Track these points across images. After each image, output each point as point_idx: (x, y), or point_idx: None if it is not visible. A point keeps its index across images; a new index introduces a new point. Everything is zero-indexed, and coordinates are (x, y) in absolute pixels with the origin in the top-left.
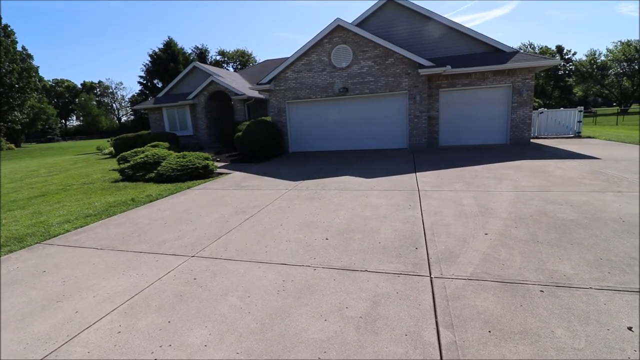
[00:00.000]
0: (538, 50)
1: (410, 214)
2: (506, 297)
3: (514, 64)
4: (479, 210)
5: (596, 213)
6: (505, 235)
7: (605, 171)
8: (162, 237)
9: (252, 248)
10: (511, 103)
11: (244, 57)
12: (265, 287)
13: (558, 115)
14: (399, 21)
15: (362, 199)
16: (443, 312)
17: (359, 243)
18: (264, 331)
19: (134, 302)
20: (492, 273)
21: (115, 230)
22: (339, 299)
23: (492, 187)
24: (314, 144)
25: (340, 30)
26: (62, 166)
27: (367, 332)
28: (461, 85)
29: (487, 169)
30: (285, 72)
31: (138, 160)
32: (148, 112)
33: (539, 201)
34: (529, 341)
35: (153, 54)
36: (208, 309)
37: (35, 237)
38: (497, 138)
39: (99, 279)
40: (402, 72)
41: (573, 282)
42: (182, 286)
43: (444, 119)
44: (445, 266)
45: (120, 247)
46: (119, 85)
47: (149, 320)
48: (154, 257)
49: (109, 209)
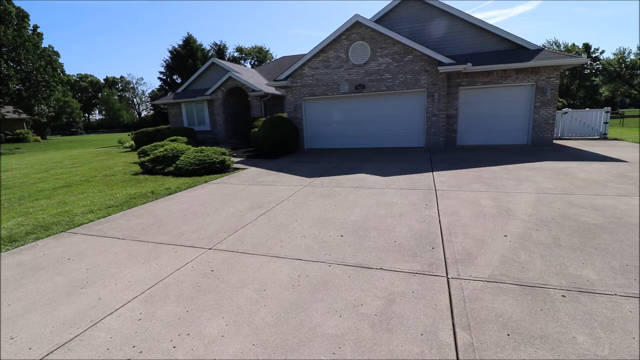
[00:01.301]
0: (563, 48)
1: (426, 214)
2: (526, 300)
3: (538, 61)
4: (498, 212)
5: (622, 218)
6: (525, 237)
7: (632, 174)
8: (180, 229)
9: (267, 243)
10: (534, 102)
11: (261, 53)
12: (280, 281)
13: (583, 116)
14: (418, 17)
15: (377, 197)
16: (460, 313)
17: (374, 241)
18: (280, 324)
19: (154, 291)
20: (511, 276)
21: (136, 221)
22: (354, 296)
23: (512, 188)
24: (330, 141)
25: (358, 27)
26: (86, 158)
27: (382, 329)
28: (482, 84)
29: (506, 170)
30: (302, 69)
31: (158, 154)
32: (167, 107)
33: (562, 204)
34: (549, 346)
35: (173, 50)
36: (225, 300)
37: (61, 226)
38: (518, 138)
39: (121, 268)
40: (420, 70)
41: (597, 287)
42: (200, 277)
43: (462, 117)
44: (463, 267)
45: (141, 237)
46: (140, 81)
47: (168, 310)
48: (173, 248)
49: (130, 200)
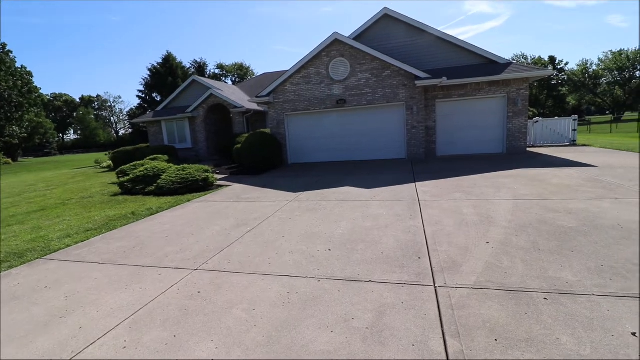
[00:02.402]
0: (531, 60)
1: (411, 224)
2: (510, 305)
3: (508, 74)
4: (480, 219)
5: (595, 220)
6: (506, 243)
7: (602, 179)
8: (164, 250)
9: (255, 260)
10: (507, 113)
11: (242, 70)
12: (270, 299)
13: (553, 124)
14: (395, 34)
15: (363, 210)
16: (449, 322)
17: (362, 253)
18: (271, 344)
19: (139, 316)
20: (495, 281)
21: (116, 244)
22: (344, 310)
23: (491, 196)
24: (313, 155)
25: (337, 44)
26: (61, 180)
27: (374, 342)
28: (457, 96)
29: (485, 178)
30: (284, 85)
31: (138, 173)
32: (147, 126)
33: (538, 209)
34: (535, 349)
35: (152, 68)
36: (214, 322)
37: (36, 253)
38: (493, 147)
39: (102, 294)
40: (399, 84)
41: (576, 289)
42: (186, 300)
43: (441, 129)
44: (449, 275)
45: (122, 261)
46: (117, 99)
47: (155, 335)
48: (157, 271)
49: (110, 223)
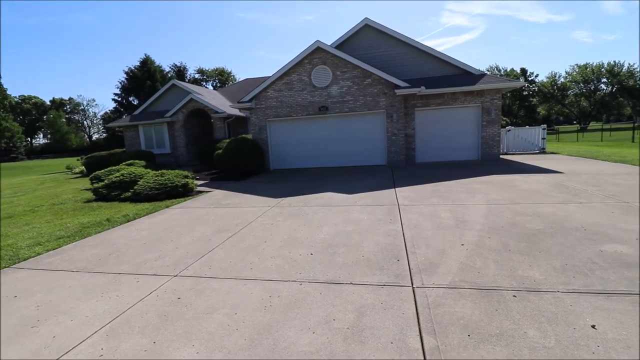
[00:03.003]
0: (504, 72)
1: (391, 228)
2: (483, 302)
3: (482, 85)
4: (455, 223)
5: (561, 223)
6: (480, 245)
7: (568, 184)
8: (142, 257)
9: (236, 265)
10: (481, 121)
11: (224, 75)
12: (252, 303)
13: (524, 133)
14: (376, 44)
15: (344, 215)
16: (425, 320)
17: (343, 257)
18: (253, 347)
19: (116, 324)
20: (469, 281)
21: (90, 251)
22: (326, 312)
23: (466, 200)
24: (296, 161)
25: (319, 52)
26: (29, 186)
27: (354, 342)
28: (435, 105)
29: (461, 184)
30: (267, 91)
31: (113, 179)
32: (123, 130)
33: (509, 213)
34: (505, 342)
35: (129, 72)
36: (194, 327)
37: (3, 261)
38: (469, 154)
39: (77, 302)
40: (379, 92)
41: (542, 286)
42: (166, 306)
43: (420, 136)
44: (426, 276)
45: (98, 269)
46: (91, 102)
47: (133, 342)
48: (135, 278)
49: (83, 230)
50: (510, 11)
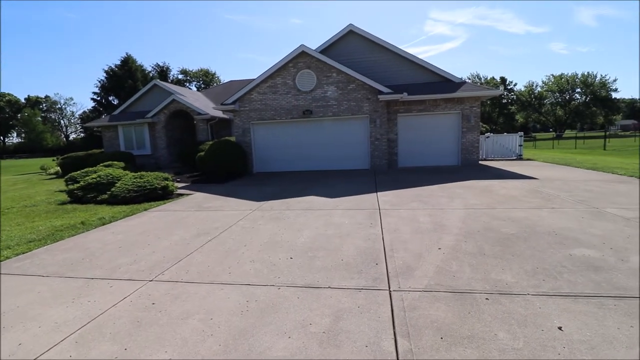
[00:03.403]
0: (484, 80)
1: (371, 232)
2: (456, 305)
3: (462, 93)
4: (434, 227)
5: (534, 227)
6: (456, 249)
7: (542, 190)
8: (116, 261)
9: (214, 270)
10: (461, 128)
11: (208, 76)
12: (228, 308)
13: (502, 140)
14: (359, 50)
15: (326, 218)
16: (400, 323)
17: (323, 261)
18: (228, 352)
19: (86, 330)
20: (444, 284)
21: (63, 255)
22: (302, 316)
23: (445, 205)
24: (279, 165)
25: (304, 56)
26: None
27: (330, 345)
28: (417, 111)
29: (441, 189)
30: (251, 94)
31: (89, 180)
32: (102, 130)
33: (486, 217)
34: (476, 344)
35: (109, 70)
36: (168, 333)
37: None
38: (449, 160)
39: (46, 308)
40: (363, 97)
41: (513, 289)
42: (139, 312)
43: (402, 141)
44: (403, 280)
45: (69, 273)
46: (69, 101)
47: (104, 349)
48: (108, 283)
49: (56, 233)
50: (491, 22)
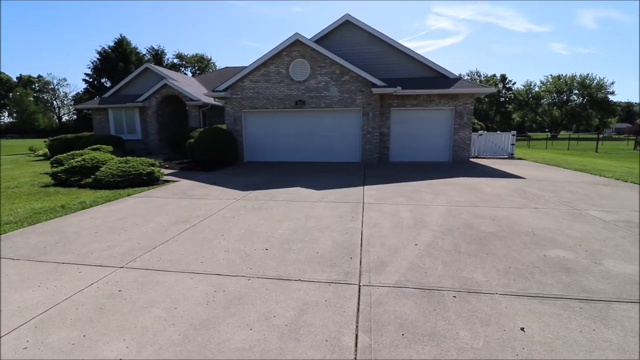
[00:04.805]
0: (484, 78)
1: (351, 226)
2: (423, 302)
3: (456, 89)
4: (414, 223)
5: (513, 227)
6: (432, 245)
7: (527, 189)
8: (90, 247)
9: (187, 259)
10: (454, 125)
11: (203, 62)
12: (194, 298)
13: (495, 138)
14: (355, 41)
15: (308, 210)
16: (364, 318)
17: (298, 253)
18: (186, 342)
19: (48, 316)
20: (414, 281)
21: (37, 239)
22: (267, 308)
23: (429, 201)
24: (270, 154)
25: (298, 45)
26: None
27: (289, 339)
28: (410, 106)
29: (428, 185)
30: (243, 81)
31: (74, 163)
32: (92, 113)
33: (467, 215)
34: (436, 342)
35: (102, 52)
36: (129, 322)
37: None
38: (441, 156)
39: (10, 292)
40: (356, 90)
41: (482, 288)
42: (104, 299)
43: (394, 136)
44: (374, 275)
45: (40, 257)
46: (62, 82)
47: (62, 335)
48: (77, 269)
49: (34, 216)
50: (494, 19)
